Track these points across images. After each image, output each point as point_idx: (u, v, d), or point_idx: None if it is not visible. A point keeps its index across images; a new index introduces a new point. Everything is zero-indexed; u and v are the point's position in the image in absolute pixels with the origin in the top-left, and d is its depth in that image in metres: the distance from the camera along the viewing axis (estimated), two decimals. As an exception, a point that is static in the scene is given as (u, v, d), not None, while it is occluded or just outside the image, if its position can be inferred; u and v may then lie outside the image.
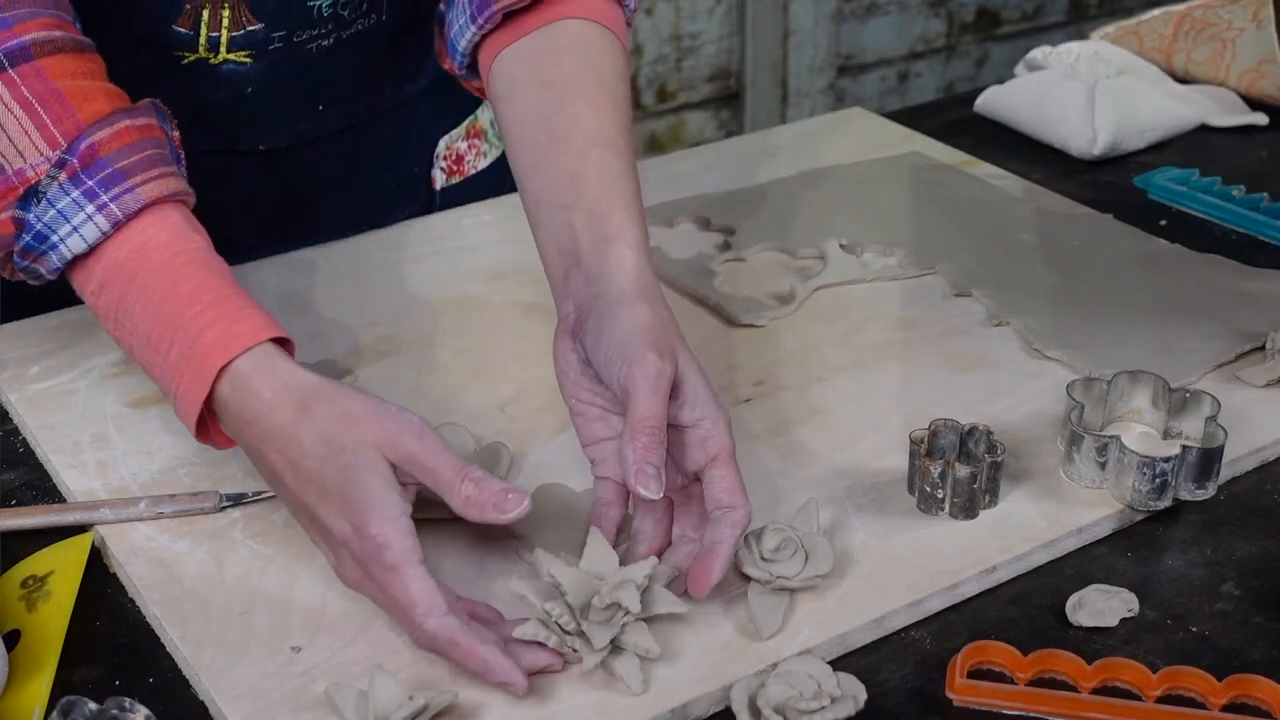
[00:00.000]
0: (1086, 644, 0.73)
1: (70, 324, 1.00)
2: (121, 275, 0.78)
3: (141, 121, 0.81)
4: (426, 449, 0.72)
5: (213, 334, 0.75)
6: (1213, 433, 0.82)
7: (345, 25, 1.04)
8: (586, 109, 0.87)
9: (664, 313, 0.79)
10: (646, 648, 0.70)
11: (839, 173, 1.22)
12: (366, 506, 0.70)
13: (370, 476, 0.71)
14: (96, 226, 0.78)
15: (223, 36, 0.99)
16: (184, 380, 0.75)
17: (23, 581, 0.77)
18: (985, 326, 1.00)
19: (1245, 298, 1.02)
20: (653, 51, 2.65)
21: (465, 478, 0.71)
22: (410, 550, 0.70)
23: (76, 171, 0.78)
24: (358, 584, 0.73)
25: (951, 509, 0.81)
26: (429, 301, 1.03)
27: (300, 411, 0.73)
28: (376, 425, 0.72)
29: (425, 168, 1.19)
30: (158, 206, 0.79)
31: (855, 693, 0.68)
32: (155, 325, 0.77)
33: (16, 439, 0.91)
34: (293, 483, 0.74)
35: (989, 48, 3.05)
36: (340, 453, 0.71)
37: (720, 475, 0.75)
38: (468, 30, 0.94)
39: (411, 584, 0.69)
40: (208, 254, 0.79)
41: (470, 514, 0.71)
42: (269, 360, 0.75)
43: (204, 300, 0.76)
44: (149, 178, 0.79)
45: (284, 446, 0.73)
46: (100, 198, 0.78)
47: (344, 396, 0.73)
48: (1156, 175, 1.21)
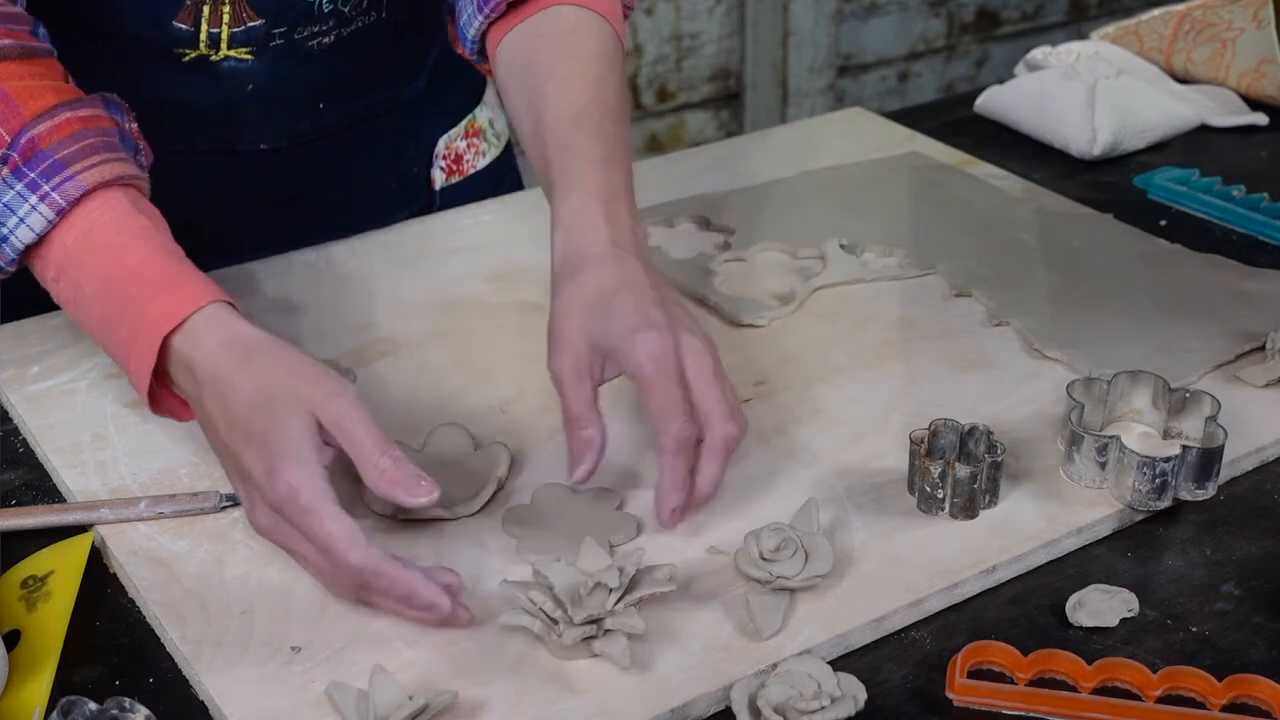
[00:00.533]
0: (1086, 644, 0.73)
1: (70, 324, 1.00)
2: (71, 261, 0.81)
3: (85, 113, 0.84)
4: (356, 416, 0.74)
5: (155, 307, 0.77)
6: (1213, 433, 0.82)
7: (346, 22, 1.04)
8: (558, 88, 0.91)
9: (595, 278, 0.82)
10: (632, 625, 0.70)
11: (839, 173, 1.22)
12: (282, 451, 0.72)
13: (293, 424, 0.73)
14: (42, 216, 0.81)
15: (223, 33, 0.99)
16: (134, 354, 0.78)
17: (23, 581, 0.77)
18: (985, 326, 1.00)
19: (1245, 298, 1.02)
20: (653, 51, 2.65)
21: (385, 453, 0.73)
22: (324, 493, 0.72)
23: (18, 165, 0.81)
24: (268, 531, 0.74)
25: (951, 509, 0.81)
26: (429, 302, 1.03)
27: (242, 361, 0.76)
28: (313, 383, 0.75)
29: (425, 167, 1.19)
30: (101, 191, 0.81)
31: (855, 693, 0.68)
32: (105, 305, 0.80)
33: (16, 439, 0.91)
34: (223, 427, 0.76)
35: (989, 48, 3.05)
36: (271, 400, 0.74)
37: (648, 401, 0.78)
38: (475, 19, 0.99)
39: (330, 522, 0.71)
40: (152, 231, 0.81)
41: (381, 488, 0.73)
42: (213, 319, 0.77)
43: (146, 275, 0.79)
44: (89, 165, 0.81)
45: (221, 393, 0.75)
46: (42, 188, 0.80)
47: (288, 351, 0.76)
48: (1156, 175, 1.21)
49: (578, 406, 0.80)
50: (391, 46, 1.11)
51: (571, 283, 0.83)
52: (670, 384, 0.78)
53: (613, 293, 0.81)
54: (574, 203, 0.86)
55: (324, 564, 0.73)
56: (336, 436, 0.74)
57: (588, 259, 0.83)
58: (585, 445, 0.79)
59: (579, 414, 0.80)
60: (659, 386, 0.78)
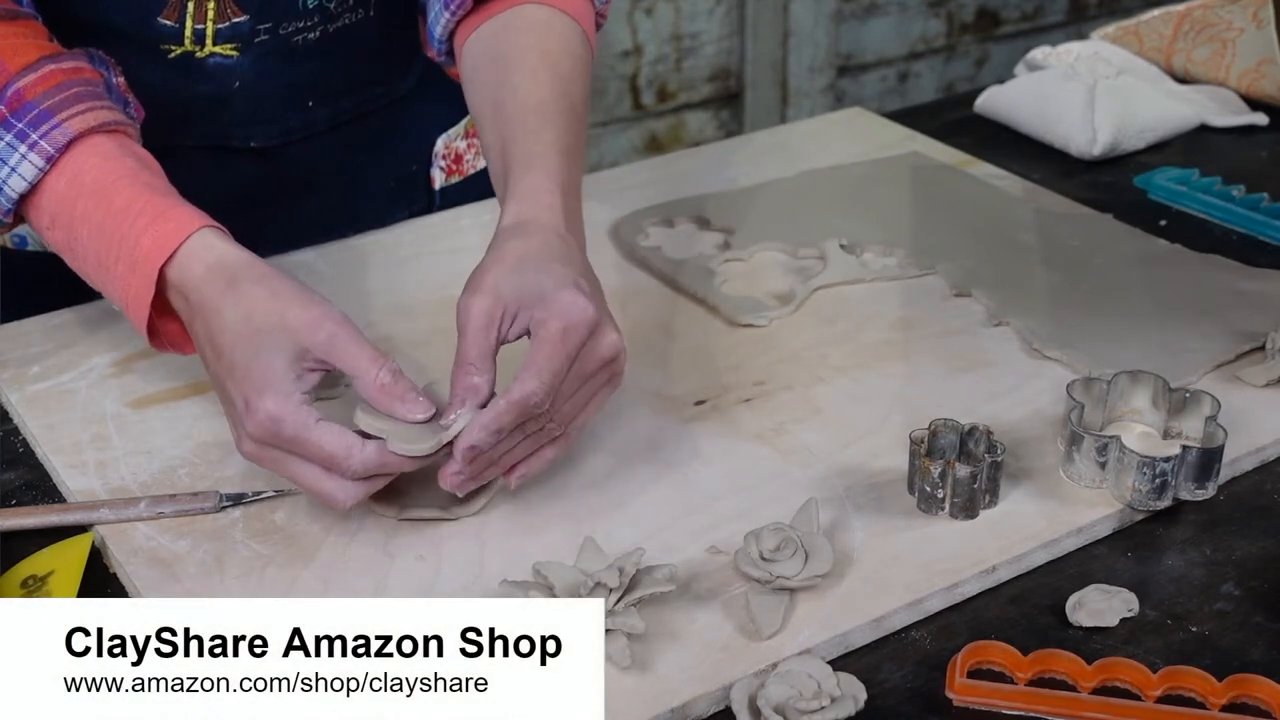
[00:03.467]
0: (1086, 644, 0.73)
1: (70, 324, 1.00)
2: (64, 206, 0.83)
3: (68, 65, 0.86)
4: (347, 334, 0.76)
5: (148, 238, 0.80)
6: (1213, 433, 0.82)
7: (331, 18, 1.04)
8: (524, 79, 0.92)
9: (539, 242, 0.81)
10: (632, 625, 0.70)
11: (839, 173, 1.22)
12: (260, 383, 0.74)
13: (274, 355, 0.75)
14: (32, 164, 0.83)
15: (208, 29, 1.00)
16: (131, 288, 0.80)
17: (23, 581, 0.77)
18: (985, 326, 1.00)
19: (1245, 298, 1.02)
20: (653, 51, 2.65)
21: (383, 367, 0.76)
22: (305, 415, 0.75)
23: (6, 117, 0.83)
24: (253, 456, 0.78)
25: (951, 509, 0.81)
26: (428, 302, 1.03)
27: (228, 287, 0.77)
28: (301, 307, 0.76)
29: (424, 167, 1.19)
30: (88, 137, 0.84)
31: (855, 693, 0.68)
32: (99, 244, 0.82)
33: (16, 439, 0.91)
34: (210, 357, 0.78)
35: (989, 48, 3.05)
36: (256, 331, 0.75)
37: (533, 354, 0.77)
38: (443, 16, 1.00)
39: (323, 440, 0.74)
40: (139, 170, 0.84)
41: (381, 402, 0.75)
42: (203, 244, 0.80)
43: (135, 209, 0.81)
44: (75, 113, 0.84)
45: (209, 319, 0.77)
46: (30, 137, 0.83)
47: (273, 277, 0.78)
48: (1156, 175, 1.21)
49: (475, 351, 0.78)
50: (381, 44, 1.11)
51: (512, 241, 0.81)
52: (564, 354, 0.76)
53: (552, 259, 0.80)
54: (531, 182, 0.85)
55: (322, 480, 0.76)
56: (329, 358, 0.75)
57: (537, 227, 0.82)
58: (470, 391, 0.77)
59: (474, 360, 0.77)
60: (552, 350, 0.76)
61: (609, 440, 0.87)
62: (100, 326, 1.00)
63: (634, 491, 0.83)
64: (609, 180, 1.23)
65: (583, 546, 0.76)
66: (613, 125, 2.65)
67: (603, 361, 0.79)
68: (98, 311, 1.01)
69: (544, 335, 0.77)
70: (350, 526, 0.80)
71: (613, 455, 0.86)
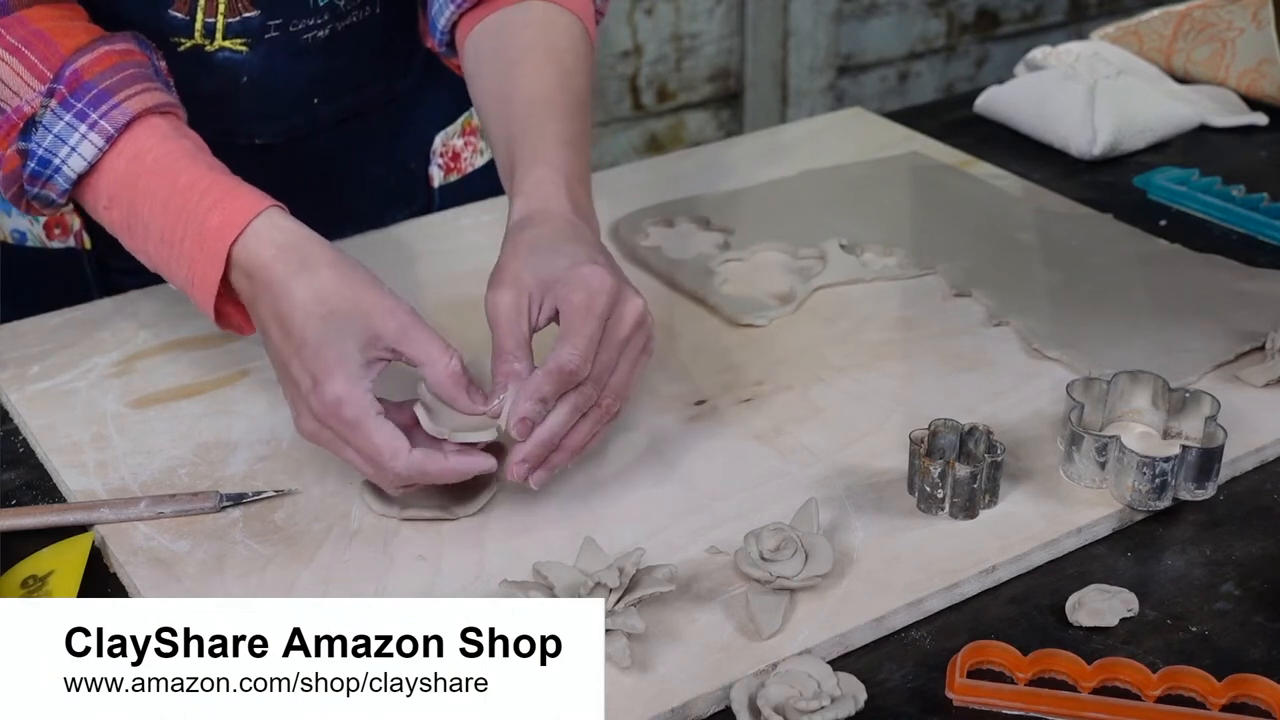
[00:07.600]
0: (1086, 644, 0.73)
1: (70, 324, 1.00)
2: (125, 184, 0.84)
3: (121, 46, 0.87)
4: (420, 324, 0.77)
5: (216, 216, 0.80)
6: (1212, 433, 0.82)
7: (341, 16, 1.04)
8: (529, 73, 0.93)
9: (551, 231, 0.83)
10: (632, 625, 0.70)
11: (839, 173, 1.22)
12: (331, 364, 0.76)
13: (346, 339, 0.76)
14: (92, 144, 0.83)
15: (218, 23, 1.00)
16: (199, 265, 0.81)
17: (23, 581, 0.77)
18: (985, 326, 1.00)
19: (1245, 298, 1.02)
20: (653, 51, 2.64)
21: (454, 357, 0.77)
22: (369, 404, 0.76)
23: (65, 97, 0.84)
24: (312, 436, 0.79)
25: (951, 509, 0.81)
26: (428, 301, 1.03)
27: (301, 267, 0.78)
28: (375, 293, 0.78)
29: (422, 165, 1.19)
30: (145, 118, 0.85)
31: (855, 692, 0.68)
32: (164, 220, 0.82)
33: (16, 439, 0.91)
34: (277, 335, 0.78)
35: (989, 48, 3.05)
36: (330, 313, 0.77)
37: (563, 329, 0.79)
38: (447, 8, 1.01)
39: (375, 434, 0.76)
40: (198, 152, 0.85)
41: (445, 388, 0.77)
42: (270, 223, 0.80)
43: (201, 187, 0.82)
44: (133, 93, 0.84)
45: (277, 298, 0.78)
46: (90, 116, 0.83)
47: (344, 261, 0.79)
48: (1156, 175, 1.21)
49: (511, 342, 0.79)
50: (385, 41, 1.11)
51: (525, 232, 0.83)
52: (592, 320, 0.78)
53: (565, 240, 0.82)
54: (538, 175, 0.87)
55: (370, 468, 0.78)
56: (400, 345, 0.77)
57: (547, 217, 0.84)
58: (510, 376, 0.79)
59: (512, 350, 0.79)
60: (581, 319, 0.78)
61: (609, 440, 0.87)
62: (100, 326, 1.00)
63: (634, 491, 0.84)
64: (609, 180, 1.23)
65: (583, 546, 0.76)
66: (613, 125, 2.65)
67: (632, 326, 0.80)
68: (98, 311, 1.01)
69: (570, 308, 0.79)
70: (350, 526, 0.81)
71: (613, 455, 0.86)
